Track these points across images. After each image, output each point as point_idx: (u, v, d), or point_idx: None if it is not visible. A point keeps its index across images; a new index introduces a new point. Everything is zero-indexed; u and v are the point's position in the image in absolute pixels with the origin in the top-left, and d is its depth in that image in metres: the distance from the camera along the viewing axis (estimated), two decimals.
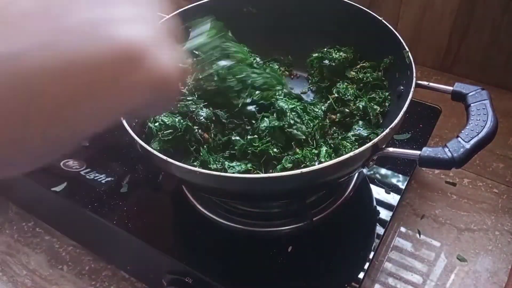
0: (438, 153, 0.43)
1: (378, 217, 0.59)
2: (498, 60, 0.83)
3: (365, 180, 0.64)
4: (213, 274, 0.52)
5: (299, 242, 0.55)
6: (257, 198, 0.52)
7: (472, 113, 0.47)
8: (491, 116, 0.45)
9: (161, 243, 0.56)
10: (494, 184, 0.71)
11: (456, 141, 0.43)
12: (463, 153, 0.42)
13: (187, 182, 0.54)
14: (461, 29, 0.83)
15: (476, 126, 0.45)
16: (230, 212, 0.58)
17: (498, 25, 0.79)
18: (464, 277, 0.60)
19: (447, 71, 0.90)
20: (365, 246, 0.56)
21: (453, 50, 0.86)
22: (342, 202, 0.59)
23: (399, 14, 0.87)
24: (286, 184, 0.43)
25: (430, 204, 0.69)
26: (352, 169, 0.47)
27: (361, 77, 0.62)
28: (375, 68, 0.63)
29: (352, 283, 0.52)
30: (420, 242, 0.64)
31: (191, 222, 0.59)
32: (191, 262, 0.54)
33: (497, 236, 0.64)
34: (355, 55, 0.65)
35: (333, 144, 0.56)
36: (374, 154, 0.45)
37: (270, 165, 0.52)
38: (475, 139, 0.43)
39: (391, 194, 0.62)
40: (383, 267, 0.61)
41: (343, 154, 0.53)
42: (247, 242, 0.57)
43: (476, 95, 0.48)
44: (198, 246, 0.57)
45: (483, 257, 0.62)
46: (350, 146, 0.55)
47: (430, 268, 0.61)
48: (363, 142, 0.56)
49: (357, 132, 0.57)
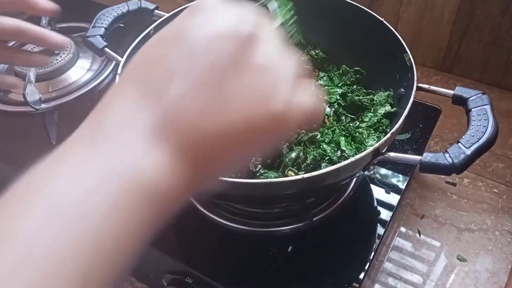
0: (439, 159, 0.43)
1: (378, 217, 0.59)
2: (498, 60, 0.83)
3: (365, 180, 0.64)
4: (213, 274, 0.52)
5: (299, 242, 0.55)
6: (259, 202, 0.52)
7: (472, 118, 0.47)
8: (492, 121, 0.45)
9: (161, 243, 0.56)
10: (494, 184, 0.71)
11: (457, 147, 0.44)
12: (463, 159, 0.43)
13: None
14: (461, 29, 0.83)
15: (477, 132, 0.45)
16: (230, 212, 0.58)
17: (498, 25, 0.79)
18: (464, 277, 0.60)
19: (447, 71, 0.90)
20: (365, 246, 0.56)
21: (453, 50, 0.86)
22: (342, 202, 0.59)
23: (399, 14, 0.87)
24: (287, 189, 0.43)
25: (430, 204, 0.69)
26: (352, 173, 0.47)
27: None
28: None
29: (352, 283, 0.52)
30: (420, 242, 0.64)
31: (191, 222, 0.59)
32: (191, 262, 0.54)
33: (497, 236, 0.64)
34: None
35: (348, 133, 0.56)
36: (375, 159, 0.45)
37: None
38: (476, 145, 0.43)
39: (391, 194, 0.62)
40: (383, 267, 0.61)
41: (361, 141, 0.54)
42: (247, 242, 0.57)
43: (477, 100, 0.48)
44: (198, 246, 0.57)
45: (483, 257, 0.62)
46: (367, 132, 0.55)
47: (430, 268, 0.61)
48: (376, 128, 0.57)
49: (367, 119, 0.58)
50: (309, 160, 0.51)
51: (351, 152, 0.52)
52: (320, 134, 0.55)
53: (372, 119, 0.57)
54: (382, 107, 0.58)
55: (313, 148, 0.54)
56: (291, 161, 0.51)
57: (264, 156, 0.51)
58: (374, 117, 0.57)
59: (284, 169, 0.51)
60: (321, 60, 0.68)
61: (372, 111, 0.58)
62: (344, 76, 0.65)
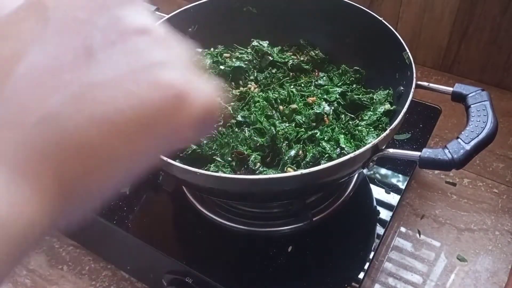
0: (438, 155, 0.43)
1: (378, 217, 0.59)
2: (498, 60, 0.83)
3: (365, 180, 0.64)
4: (213, 274, 0.52)
5: (299, 242, 0.55)
6: (257, 199, 0.52)
7: (472, 114, 0.46)
8: (491, 117, 0.45)
9: (161, 243, 0.56)
10: (494, 184, 0.71)
11: (456, 142, 0.43)
12: (463, 155, 0.42)
13: (186, 183, 0.54)
14: (461, 29, 0.83)
15: (476, 127, 0.45)
16: (230, 212, 0.58)
17: (498, 25, 0.79)
18: (464, 277, 0.60)
19: (447, 71, 0.90)
20: (365, 246, 0.56)
21: (453, 50, 0.86)
22: (342, 202, 0.59)
23: (399, 14, 0.87)
24: (286, 185, 0.43)
25: (430, 204, 0.69)
26: (352, 170, 0.47)
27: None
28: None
29: (352, 283, 0.52)
30: (420, 242, 0.64)
31: (191, 222, 0.59)
32: (191, 262, 0.54)
33: (497, 236, 0.64)
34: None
35: (347, 131, 0.56)
36: (374, 155, 0.45)
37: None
38: (475, 141, 0.43)
39: (391, 194, 0.62)
40: (383, 267, 0.61)
41: (361, 138, 0.54)
42: (247, 242, 0.57)
43: (476, 96, 0.48)
44: (198, 246, 0.57)
45: (483, 257, 0.62)
46: (366, 130, 0.55)
47: (430, 268, 0.61)
48: (376, 126, 0.57)
49: (367, 117, 0.58)
50: (308, 158, 0.51)
51: (350, 149, 0.52)
52: (319, 132, 0.55)
53: (371, 117, 0.57)
54: (382, 106, 0.58)
55: (312, 146, 0.54)
56: (290, 159, 0.51)
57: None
58: (373, 116, 0.57)
59: (283, 167, 0.51)
60: (321, 60, 0.68)
61: (371, 109, 0.59)
62: (344, 76, 0.65)
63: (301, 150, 0.52)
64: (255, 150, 0.53)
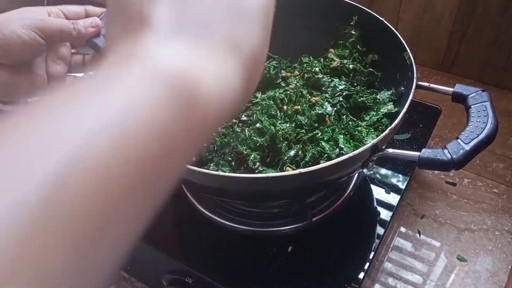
0: (438, 155, 0.43)
1: (378, 217, 0.59)
2: (498, 60, 0.83)
3: (365, 180, 0.64)
4: (213, 274, 0.52)
5: (299, 242, 0.55)
6: (257, 198, 0.52)
7: (472, 114, 0.46)
8: (492, 118, 0.45)
9: (161, 243, 0.56)
10: (494, 184, 0.71)
11: (456, 143, 0.43)
12: (462, 155, 0.42)
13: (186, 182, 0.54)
14: (461, 29, 0.83)
15: (476, 128, 0.44)
16: (230, 212, 0.58)
17: (498, 25, 0.79)
18: (464, 277, 0.60)
19: (447, 71, 0.90)
20: (365, 246, 0.56)
21: (453, 50, 0.86)
22: (342, 202, 0.59)
23: (399, 14, 0.87)
24: (285, 184, 0.43)
25: (430, 204, 0.69)
26: (351, 169, 0.47)
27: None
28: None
29: (352, 283, 0.52)
30: (420, 242, 0.64)
31: (191, 222, 0.59)
32: (191, 262, 0.54)
33: (497, 236, 0.64)
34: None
35: (347, 131, 0.56)
36: (374, 155, 0.45)
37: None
38: (475, 141, 0.43)
39: (391, 194, 0.62)
40: (383, 267, 0.61)
41: (360, 139, 0.54)
42: (247, 242, 0.57)
43: (476, 97, 0.48)
44: (198, 246, 0.57)
45: (483, 257, 0.62)
46: (366, 131, 0.55)
47: (430, 268, 0.61)
48: (376, 127, 0.56)
49: (368, 118, 0.58)
50: (308, 158, 0.51)
51: (349, 150, 0.52)
52: (320, 132, 0.55)
53: (372, 118, 0.57)
54: (385, 106, 0.58)
55: (312, 146, 0.54)
56: (289, 159, 0.51)
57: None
58: (375, 116, 0.57)
59: (282, 166, 0.51)
60: None
61: (375, 109, 0.58)
62: (357, 72, 0.63)
63: (300, 151, 0.52)
64: (254, 150, 0.53)
